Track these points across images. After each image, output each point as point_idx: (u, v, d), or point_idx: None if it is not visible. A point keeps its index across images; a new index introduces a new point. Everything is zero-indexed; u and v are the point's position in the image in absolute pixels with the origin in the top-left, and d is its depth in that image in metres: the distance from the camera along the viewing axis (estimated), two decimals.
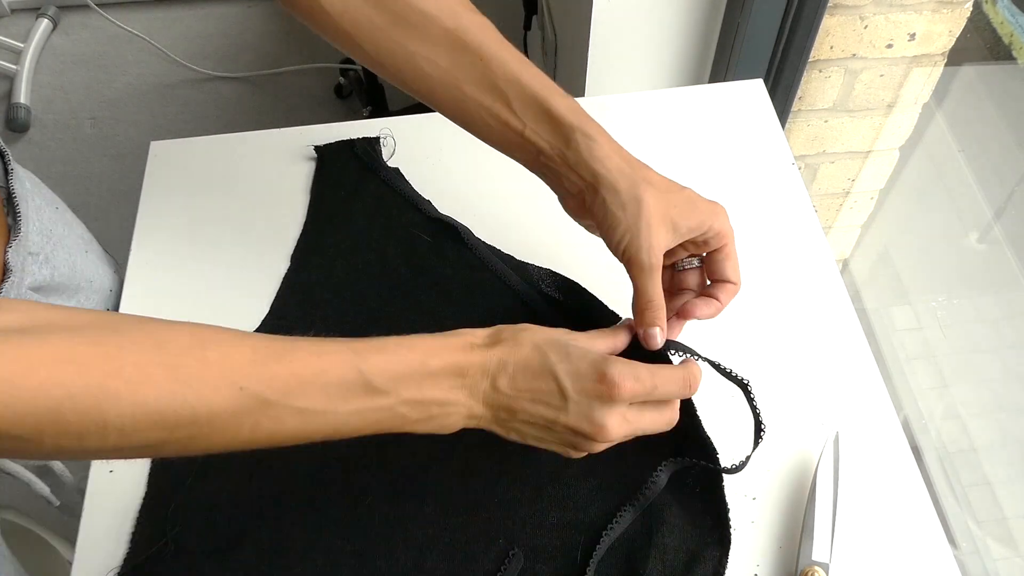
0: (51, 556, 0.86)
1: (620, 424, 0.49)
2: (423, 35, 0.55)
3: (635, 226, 0.53)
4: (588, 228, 0.59)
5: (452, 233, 0.72)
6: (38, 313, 0.41)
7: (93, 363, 0.38)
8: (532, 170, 0.58)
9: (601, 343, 0.53)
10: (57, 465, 0.66)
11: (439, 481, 0.60)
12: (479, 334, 0.51)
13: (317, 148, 0.78)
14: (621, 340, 0.54)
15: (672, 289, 0.60)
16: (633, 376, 0.49)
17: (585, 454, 0.51)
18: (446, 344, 0.49)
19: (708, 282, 0.59)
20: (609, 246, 0.55)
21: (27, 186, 0.66)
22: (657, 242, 0.53)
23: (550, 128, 0.55)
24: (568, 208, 0.59)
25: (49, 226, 0.67)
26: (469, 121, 0.57)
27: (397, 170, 0.77)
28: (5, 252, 0.61)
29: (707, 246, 0.57)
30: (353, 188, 0.75)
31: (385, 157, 0.78)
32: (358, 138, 0.78)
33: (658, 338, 0.54)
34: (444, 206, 0.74)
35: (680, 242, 0.55)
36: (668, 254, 0.56)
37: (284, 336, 0.46)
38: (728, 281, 0.58)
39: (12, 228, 0.63)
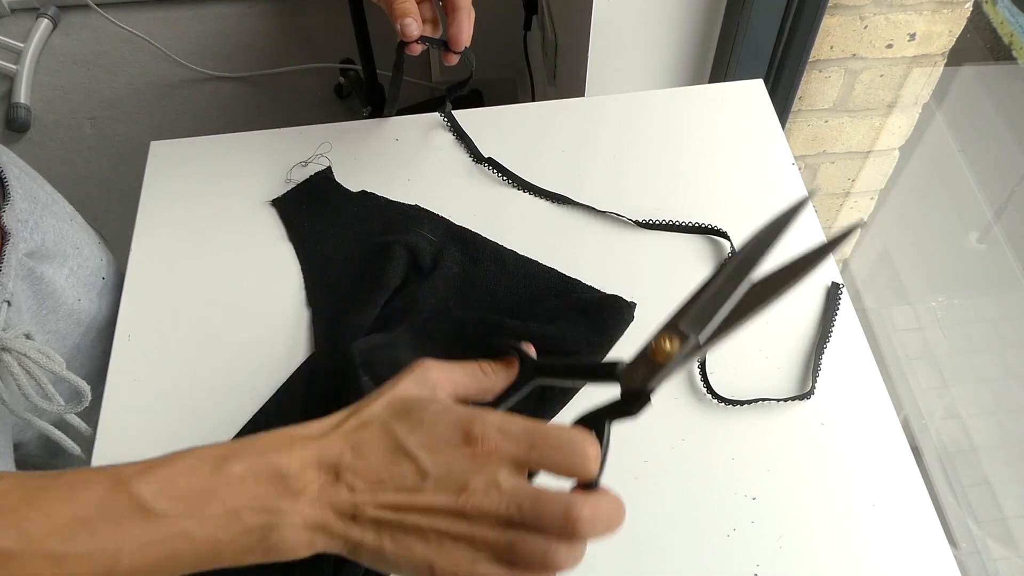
0: None
1: (493, 488, 0.37)
2: None
3: None
4: None
5: (454, 237, 0.72)
6: None
7: None
8: None
9: (466, 380, 0.44)
10: (74, 418, 0.64)
11: None
12: (314, 426, 0.40)
13: (274, 202, 0.75)
14: (496, 377, 0.46)
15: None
16: (501, 429, 0.38)
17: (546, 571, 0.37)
18: (254, 445, 0.39)
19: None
20: None
21: (3, 159, 0.66)
22: None
23: None
24: None
25: (33, 192, 0.67)
26: None
27: (363, 192, 0.76)
28: (0, 217, 0.62)
29: None
30: (330, 221, 0.74)
31: (337, 170, 0.77)
32: (309, 176, 0.76)
33: (412, 27, 0.64)
34: (443, 204, 0.74)
35: None
36: None
37: (49, 472, 0.38)
38: (456, 8, 0.65)
39: (2, 194, 0.64)
